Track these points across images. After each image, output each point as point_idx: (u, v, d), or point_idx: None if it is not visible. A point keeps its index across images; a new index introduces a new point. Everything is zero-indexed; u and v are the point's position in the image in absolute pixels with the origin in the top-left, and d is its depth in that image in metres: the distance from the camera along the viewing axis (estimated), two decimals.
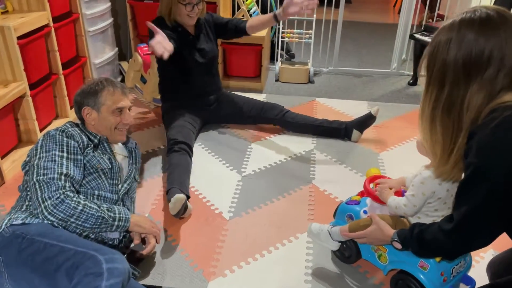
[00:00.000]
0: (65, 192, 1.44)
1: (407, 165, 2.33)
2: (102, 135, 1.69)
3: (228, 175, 2.24)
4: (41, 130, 2.41)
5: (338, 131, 2.57)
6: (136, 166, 1.85)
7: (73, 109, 2.74)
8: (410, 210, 1.39)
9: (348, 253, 1.66)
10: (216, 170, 2.29)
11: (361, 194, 1.72)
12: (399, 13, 5.90)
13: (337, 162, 2.37)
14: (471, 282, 1.48)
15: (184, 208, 1.86)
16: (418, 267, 1.43)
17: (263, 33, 3.22)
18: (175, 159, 2.15)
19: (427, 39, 3.25)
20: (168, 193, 1.96)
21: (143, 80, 3.07)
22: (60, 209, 1.41)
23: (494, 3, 3.29)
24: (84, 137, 1.62)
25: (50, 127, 2.54)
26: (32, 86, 2.28)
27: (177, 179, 2.03)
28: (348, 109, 3.01)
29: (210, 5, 3.06)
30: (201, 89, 2.53)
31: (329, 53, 3.79)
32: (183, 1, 2.27)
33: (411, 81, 3.51)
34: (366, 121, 2.55)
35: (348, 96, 3.28)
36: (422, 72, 1.14)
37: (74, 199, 1.45)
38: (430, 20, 4.05)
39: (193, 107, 2.54)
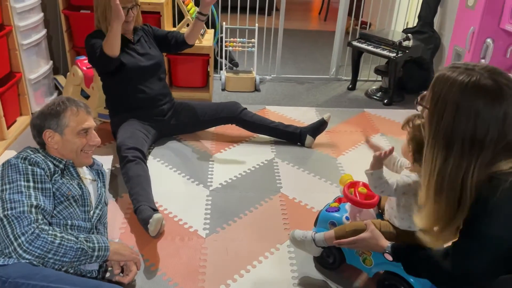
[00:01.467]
0: (39, 226, 1.31)
1: (364, 166, 2.46)
2: (67, 159, 1.56)
3: (195, 190, 2.18)
4: None
5: (293, 135, 2.64)
6: (105, 188, 1.72)
7: (9, 130, 2.50)
8: (390, 190, 1.48)
9: (331, 259, 1.70)
10: (182, 186, 2.22)
11: (338, 200, 1.78)
12: (325, 20, 6.22)
13: (300, 169, 2.42)
14: None
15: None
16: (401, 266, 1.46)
17: (210, 42, 3.19)
18: (132, 170, 2.06)
19: (364, 46, 3.45)
20: (137, 212, 1.87)
21: (84, 94, 2.88)
22: (36, 245, 1.27)
23: (422, 3, 3.58)
24: (49, 163, 1.48)
25: None
26: None
27: (142, 194, 1.95)
28: (298, 116, 3.09)
29: (154, 15, 2.97)
30: (150, 97, 2.44)
31: (271, 60, 3.86)
32: None
33: (350, 86, 3.69)
34: (319, 127, 2.65)
35: (295, 102, 3.36)
36: (424, 117, 1.12)
37: (50, 232, 1.32)
38: (356, 27, 4.30)
39: (146, 117, 2.44)
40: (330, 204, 1.75)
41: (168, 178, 2.27)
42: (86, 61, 2.79)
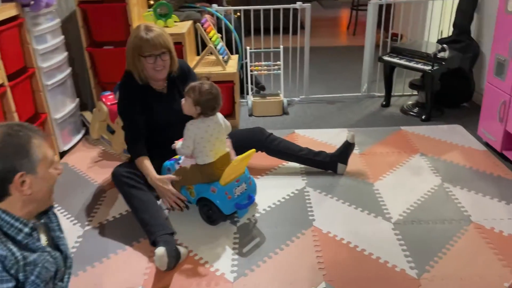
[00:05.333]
0: None
1: (405, 193, 2.26)
2: (30, 216, 1.19)
3: (221, 227, 2.06)
4: None
5: (323, 164, 2.48)
6: (63, 234, 1.33)
7: None
8: (185, 150, 2.00)
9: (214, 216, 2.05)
10: (205, 223, 2.09)
11: None
12: (354, 34, 6.05)
13: (333, 198, 2.25)
14: (251, 198, 2.10)
15: (175, 257, 1.77)
16: (210, 192, 1.99)
17: (234, 69, 3.11)
18: (133, 197, 1.97)
19: (396, 60, 3.27)
20: (155, 244, 1.81)
21: (110, 129, 2.85)
22: None
23: (457, 10, 3.36)
24: (12, 246, 1.09)
25: None
26: None
27: (154, 223, 1.87)
28: (330, 139, 2.93)
29: (176, 46, 2.91)
30: (173, 140, 2.17)
31: (298, 81, 3.74)
32: (143, 54, 2.02)
33: (384, 103, 3.50)
34: (346, 151, 2.45)
35: (326, 124, 3.21)
36: None
37: None
38: (387, 40, 4.12)
39: (166, 155, 2.23)
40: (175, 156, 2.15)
41: (190, 215, 2.15)
42: (111, 96, 2.78)
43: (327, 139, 2.93)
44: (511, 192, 2.24)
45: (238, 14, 3.73)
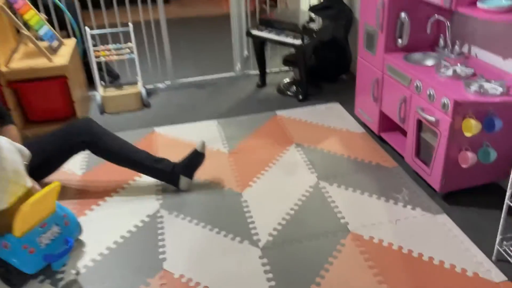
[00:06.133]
0: None
1: (277, 201, 1.90)
2: None
3: None
4: None
5: (163, 174, 1.97)
6: None
7: None
8: None
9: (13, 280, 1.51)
10: None
11: None
12: None
13: (193, 222, 1.81)
14: (68, 242, 1.57)
15: None
16: (2, 248, 1.44)
17: (64, 60, 2.45)
18: None
19: (265, 34, 2.85)
20: None
21: None
22: None
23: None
24: None
25: None
26: None
27: None
28: (195, 136, 2.46)
29: None
30: None
31: (161, 64, 3.18)
32: None
33: (259, 83, 3.11)
34: (193, 161, 1.99)
35: (194, 116, 2.73)
36: None
37: None
38: (264, 6, 3.73)
39: None
40: None
41: None
42: None
43: (191, 137, 2.46)
44: (390, 183, 2.00)
45: None
